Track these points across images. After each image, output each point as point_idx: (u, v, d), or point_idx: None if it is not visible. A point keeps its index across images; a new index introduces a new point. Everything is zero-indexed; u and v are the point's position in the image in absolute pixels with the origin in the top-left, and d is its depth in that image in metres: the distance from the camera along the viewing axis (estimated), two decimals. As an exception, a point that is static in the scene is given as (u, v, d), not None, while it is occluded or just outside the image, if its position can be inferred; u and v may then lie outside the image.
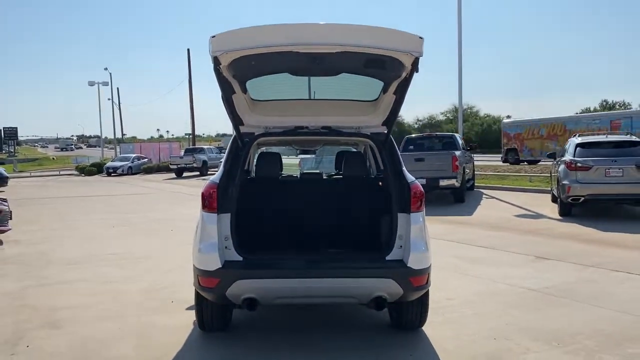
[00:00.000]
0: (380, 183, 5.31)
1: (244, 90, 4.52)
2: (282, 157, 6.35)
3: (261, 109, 4.91)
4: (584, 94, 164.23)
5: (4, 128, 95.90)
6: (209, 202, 4.46)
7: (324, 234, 5.41)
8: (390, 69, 4.06)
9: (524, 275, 7.20)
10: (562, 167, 12.81)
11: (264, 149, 6.95)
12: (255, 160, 6.14)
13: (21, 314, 5.78)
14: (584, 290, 6.41)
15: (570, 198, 12.25)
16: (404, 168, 4.75)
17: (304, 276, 4.34)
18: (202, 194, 4.52)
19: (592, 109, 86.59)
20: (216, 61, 3.78)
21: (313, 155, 15.12)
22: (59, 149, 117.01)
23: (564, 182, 12.38)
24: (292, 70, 4.26)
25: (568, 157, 12.76)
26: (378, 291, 4.33)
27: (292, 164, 18.45)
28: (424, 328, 5.05)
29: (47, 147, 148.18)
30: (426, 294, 4.72)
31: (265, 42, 3.68)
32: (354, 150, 6.66)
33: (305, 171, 7.80)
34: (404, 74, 4.13)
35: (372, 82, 4.49)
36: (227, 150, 4.88)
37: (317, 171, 7.74)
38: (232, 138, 4.91)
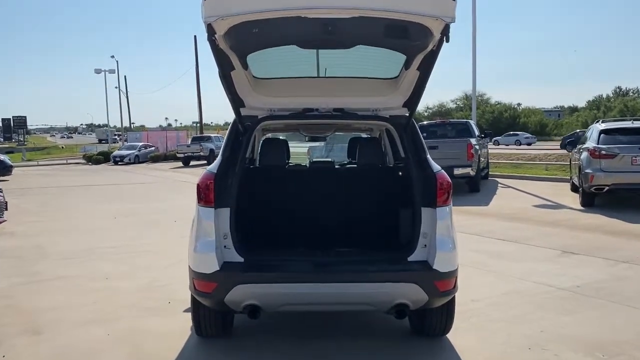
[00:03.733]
0: (400, 173, 4.74)
1: (245, 66, 3.94)
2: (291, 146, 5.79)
3: (265, 89, 4.33)
4: (597, 80, 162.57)
5: (13, 117, 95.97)
6: (205, 195, 3.93)
7: (337, 230, 4.83)
8: (416, 38, 3.44)
9: (551, 272, 6.65)
10: (584, 154, 12.18)
11: (269, 135, 6.38)
12: (259, 148, 5.56)
13: (3, 316, 5.27)
14: (618, 289, 5.85)
15: (594, 187, 11.66)
16: (428, 156, 4.18)
17: (314, 280, 3.80)
18: (198, 185, 3.99)
19: (605, 96, 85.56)
20: (210, 29, 3.20)
21: (323, 143, 14.49)
22: (98, 141, 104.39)
23: (586, 171, 11.77)
24: (300, 41, 3.67)
25: (591, 144, 12.14)
26: (399, 298, 3.78)
27: (300, 152, 17.89)
28: (448, 335, 4.50)
29: (72, 137, 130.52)
30: (452, 299, 4.16)
31: (267, 5, 3.10)
32: (369, 136, 6.07)
33: (314, 159, 7.07)
34: (430, 45, 3.52)
35: (393, 55, 3.89)
36: (226, 136, 4.34)
37: (329, 159, 7.09)
38: (232, 122, 4.35)
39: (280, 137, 6.08)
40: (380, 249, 4.42)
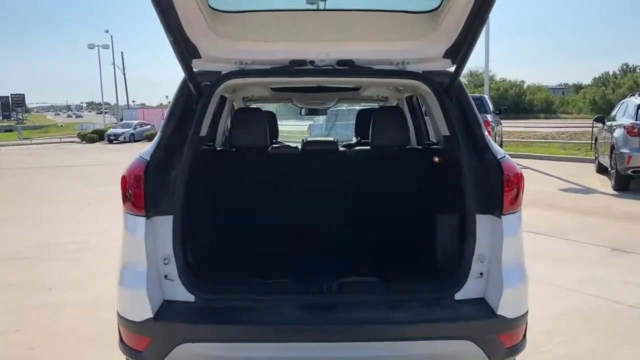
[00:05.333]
0: (437, 159, 3.29)
1: None
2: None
3: (229, 28, 2.83)
4: (604, 57, 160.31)
5: (11, 95, 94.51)
6: (132, 195, 2.54)
7: (342, 249, 3.37)
8: None
9: (609, 279, 5.32)
10: (619, 132, 10.84)
11: (254, 106, 4.92)
12: (229, 122, 4.07)
13: None
14: None
15: (631, 169, 10.39)
16: (485, 133, 2.75)
17: (306, 338, 2.39)
18: (122, 179, 2.59)
19: (611, 73, 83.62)
20: None
21: (322, 119, 12.83)
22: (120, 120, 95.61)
23: (622, 151, 10.48)
24: None
25: (628, 120, 10.78)
26: None
27: (299, 131, 16.29)
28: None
29: (81, 115, 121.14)
30: None
31: None
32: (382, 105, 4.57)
33: (310, 139, 5.07)
34: None
35: None
36: (170, 104, 2.90)
37: (330, 139, 5.26)
38: (180, 83, 2.89)
39: (264, 109, 4.57)
40: (410, 280, 2.90)
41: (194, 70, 2.74)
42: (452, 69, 2.86)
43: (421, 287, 2.70)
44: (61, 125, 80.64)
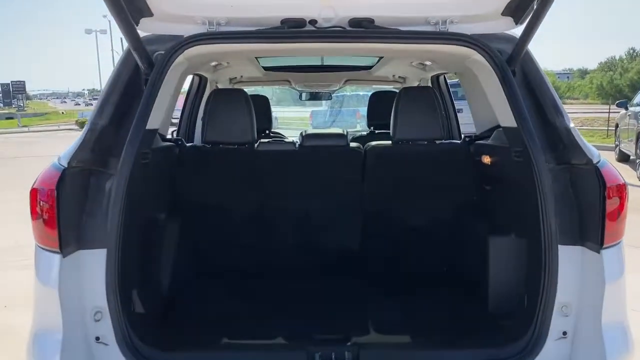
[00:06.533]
0: (488, 159, 2.44)
1: None
2: None
3: None
4: (609, 41, 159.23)
5: (11, 82, 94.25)
6: (42, 219, 1.73)
7: (358, 291, 2.51)
8: None
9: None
10: (648, 118, 10.08)
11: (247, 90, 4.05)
12: (202, 110, 3.21)
13: None
14: None
15: (661, 159, 9.63)
16: (571, 124, 1.93)
17: None
18: (31, 193, 1.81)
19: (618, 57, 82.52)
20: None
21: (324, 105, 11.89)
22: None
23: (651, 139, 9.70)
24: None
25: (657, 105, 9.99)
26: None
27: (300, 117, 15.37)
28: None
29: (91, 104, 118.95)
30: None
31: None
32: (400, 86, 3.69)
33: (311, 131, 3.90)
34: None
35: None
36: (107, 83, 2.07)
37: (338, 131, 4.20)
38: (123, 54, 2.05)
39: (249, 91, 3.73)
40: (458, 340, 2.03)
41: (142, 34, 1.91)
42: (515, 31, 2.03)
43: (477, 353, 1.86)
44: (62, 113, 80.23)
